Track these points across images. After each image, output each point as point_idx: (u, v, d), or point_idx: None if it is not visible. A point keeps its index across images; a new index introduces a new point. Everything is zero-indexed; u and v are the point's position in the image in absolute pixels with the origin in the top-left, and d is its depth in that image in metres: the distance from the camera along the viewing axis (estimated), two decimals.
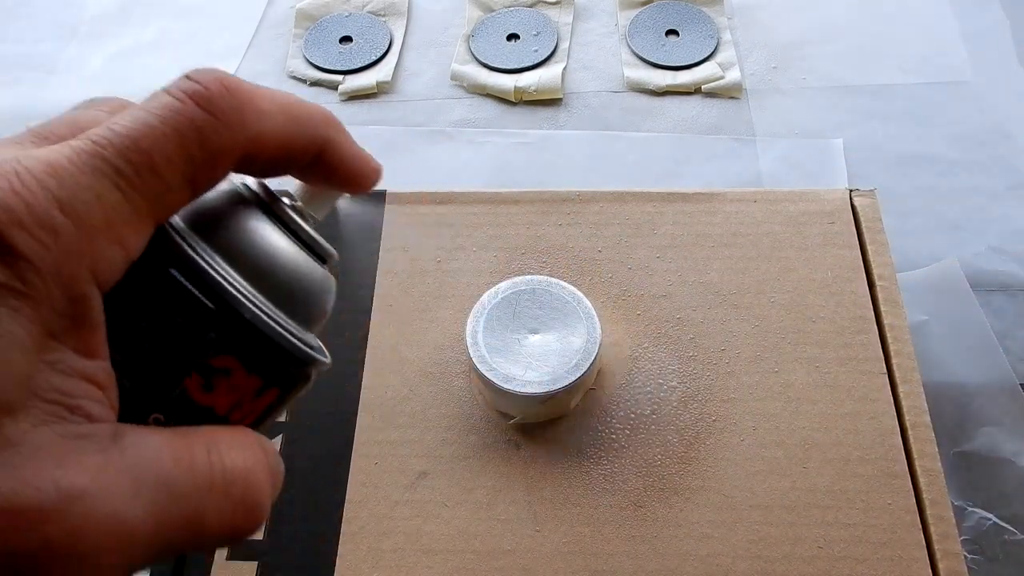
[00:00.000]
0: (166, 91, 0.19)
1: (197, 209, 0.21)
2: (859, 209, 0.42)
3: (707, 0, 0.65)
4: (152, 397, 0.19)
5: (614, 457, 0.37)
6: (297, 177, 0.23)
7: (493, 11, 0.66)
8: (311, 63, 0.64)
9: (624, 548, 0.35)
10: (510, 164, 0.57)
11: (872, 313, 0.40)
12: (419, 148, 0.59)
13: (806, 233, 0.42)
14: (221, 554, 0.35)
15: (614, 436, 0.37)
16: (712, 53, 0.62)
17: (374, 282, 0.42)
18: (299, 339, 0.22)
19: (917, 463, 0.36)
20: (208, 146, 0.18)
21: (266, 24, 0.67)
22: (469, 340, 0.37)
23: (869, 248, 0.41)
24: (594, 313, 0.38)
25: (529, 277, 0.39)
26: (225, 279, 0.20)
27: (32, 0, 0.71)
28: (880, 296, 0.40)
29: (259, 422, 0.22)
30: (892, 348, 0.38)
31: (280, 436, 0.38)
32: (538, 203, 0.44)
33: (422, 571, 0.35)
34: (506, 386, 0.36)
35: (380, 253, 0.43)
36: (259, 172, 0.21)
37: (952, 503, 0.35)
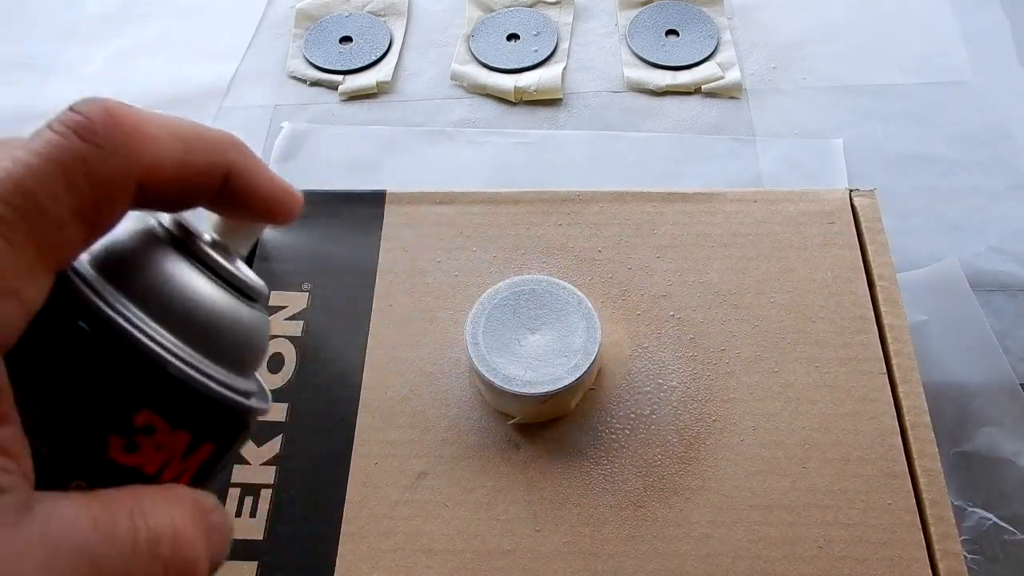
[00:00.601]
0: (48, 126, 0.17)
1: (105, 252, 0.19)
2: (859, 209, 0.42)
3: (707, 0, 0.65)
4: (71, 463, 0.18)
5: (614, 457, 0.37)
6: (209, 209, 0.21)
7: (493, 11, 0.66)
8: (311, 63, 0.64)
9: (624, 548, 0.35)
10: (510, 164, 0.57)
11: (872, 313, 0.40)
12: (419, 148, 0.59)
13: (806, 233, 0.42)
14: None
15: (614, 436, 0.37)
16: (712, 53, 0.62)
17: (374, 282, 0.42)
18: (227, 386, 0.20)
19: (917, 463, 0.36)
20: (96, 178, 0.17)
21: (266, 24, 0.67)
22: (469, 340, 0.37)
23: (869, 248, 0.41)
24: (594, 313, 0.38)
25: (529, 277, 0.39)
26: (138, 327, 0.18)
27: (32, 0, 0.71)
28: (880, 296, 0.40)
29: (199, 479, 0.20)
30: (892, 348, 0.38)
31: (280, 436, 0.38)
32: (538, 203, 0.44)
33: (422, 571, 0.35)
34: (506, 386, 0.36)
35: (380, 253, 0.43)
36: (163, 205, 0.20)
37: (952, 503, 0.35)
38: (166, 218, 0.21)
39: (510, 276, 0.40)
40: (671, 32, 0.63)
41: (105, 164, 0.17)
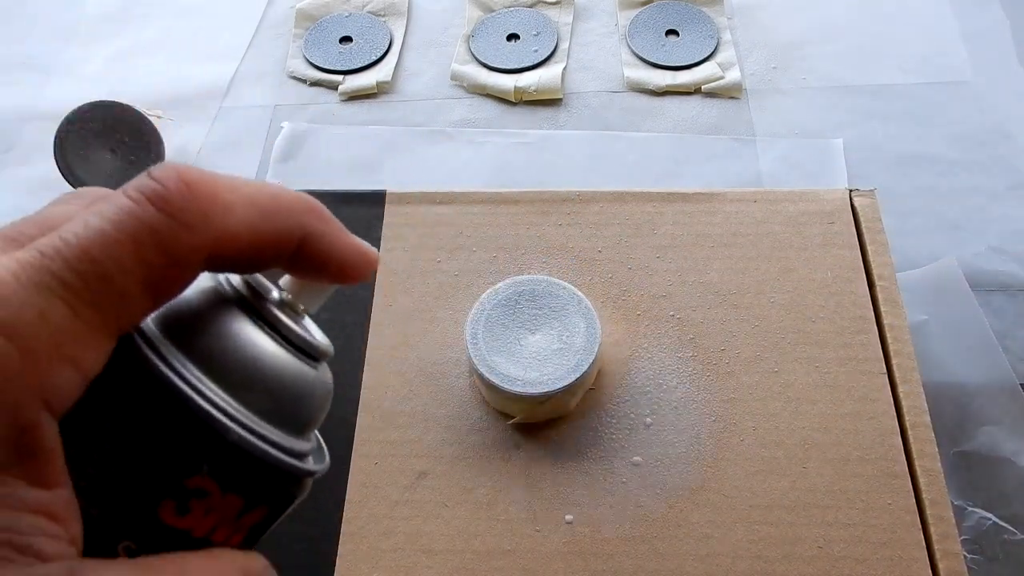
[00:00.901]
0: (124, 191, 0.17)
1: (170, 310, 0.19)
2: (859, 209, 0.42)
3: (707, 0, 0.65)
4: (122, 524, 0.18)
5: (614, 457, 0.37)
6: (283, 270, 0.21)
7: (493, 11, 0.66)
8: (311, 63, 0.64)
9: (624, 548, 0.35)
10: (510, 164, 0.57)
11: (872, 313, 0.40)
12: (419, 148, 0.59)
13: (806, 233, 0.42)
14: None
15: (614, 436, 0.37)
16: (712, 53, 0.62)
17: (374, 282, 0.42)
18: (284, 449, 0.20)
19: (917, 463, 0.36)
20: (167, 250, 0.17)
21: (266, 24, 0.67)
22: (469, 340, 0.37)
23: (869, 248, 0.41)
24: (594, 313, 0.38)
25: (529, 277, 0.39)
26: (198, 391, 0.18)
27: (32, 0, 0.71)
28: (880, 296, 0.40)
29: (250, 541, 0.20)
30: (892, 348, 0.38)
31: None
32: (538, 203, 0.44)
33: (422, 571, 0.35)
34: (506, 386, 0.36)
35: (380, 253, 0.43)
36: (234, 269, 0.20)
37: (952, 503, 0.35)
38: (235, 276, 0.21)
39: (510, 276, 0.40)
40: (671, 32, 0.64)
41: (176, 236, 0.17)
